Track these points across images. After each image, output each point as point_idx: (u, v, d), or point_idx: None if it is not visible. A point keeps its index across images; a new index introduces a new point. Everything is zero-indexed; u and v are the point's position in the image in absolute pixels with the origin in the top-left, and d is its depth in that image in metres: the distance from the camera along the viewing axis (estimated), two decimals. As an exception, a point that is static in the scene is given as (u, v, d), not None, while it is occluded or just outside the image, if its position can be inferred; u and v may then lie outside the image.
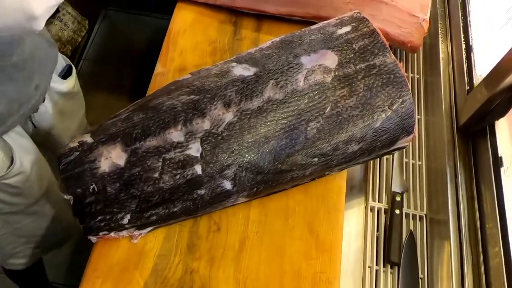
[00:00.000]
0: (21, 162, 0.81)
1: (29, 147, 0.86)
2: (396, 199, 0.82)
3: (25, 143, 0.85)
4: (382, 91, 0.69)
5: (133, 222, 0.67)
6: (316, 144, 0.67)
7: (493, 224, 0.70)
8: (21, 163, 0.81)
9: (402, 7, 0.90)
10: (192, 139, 0.65)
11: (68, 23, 1.79)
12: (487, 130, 0.77)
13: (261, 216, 0.73)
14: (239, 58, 0.73)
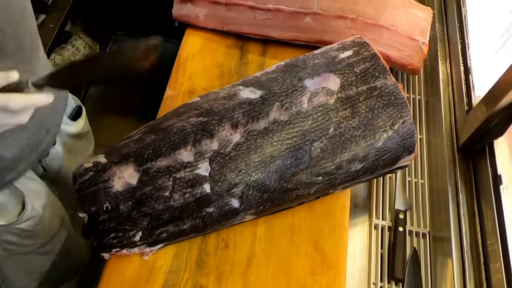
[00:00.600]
0: (32, 207, 0.81)
1: (40, 190, 0.85)
2: (399, 216, 0.83)
3: (36, 186, 0.84)
4: (383, 112, 0.72)
5: (145, 239, 0.69)
6: (320, 163, 0.70)
7: (494, 240, 0.71)
8: (33, 207, 0.81)
9: (402, 31, 0.93)
10: (201, 159, 0.68)
11: (80, 48, 1.85)
12: (487, 149, 0.79)
13: (268, 233, 0.76)
14: (245, 81, 0.77)
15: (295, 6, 0.95)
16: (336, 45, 0.82)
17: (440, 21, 1.07)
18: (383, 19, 0.93)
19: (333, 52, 0.79)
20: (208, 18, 0.99)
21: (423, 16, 0.95)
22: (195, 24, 1.00)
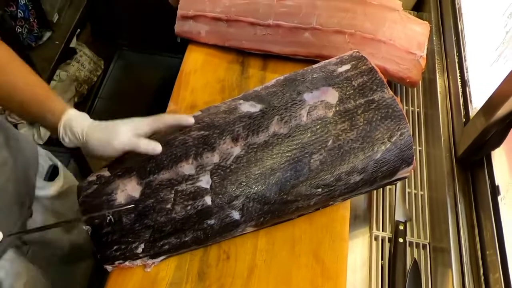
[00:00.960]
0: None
1: (21, 270, 0.81)
2: (399, 228, 0.84)
3: (17, 267, 0.80)
4: (381, 125, 0.73)
5: (147, 251, 0.70)
6: (320, 175, 0.71)
7: (493, 251, 0.72)
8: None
9: (400, 45, 0.95)
10: (202, 172, 0.69)
11: (85, 63, 1.88)
12: (484, 160, 0.80)
13: (269, 245, 0.76)
14: (246, 95, 0.79)
15: (294, 22, 0.97)
16: (334, 59, 0.83)
17: (437, 35, 1.09)
18: (381, 33, 0.95)
19: (331, 66, 0.81)
20: (209, 34, 1.02)
21: (421, 30, 0.97)
22: (197, 40, 1.03)
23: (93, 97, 1.94)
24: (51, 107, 0.71)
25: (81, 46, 1.91)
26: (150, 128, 0.70)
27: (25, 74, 0.73)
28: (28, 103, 0.71)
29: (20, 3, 1.44)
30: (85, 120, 0.71)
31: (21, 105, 0.72)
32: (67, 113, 0.71)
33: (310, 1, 0.99)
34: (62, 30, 1.59)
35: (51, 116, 0.71)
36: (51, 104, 0.71)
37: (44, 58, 1.52)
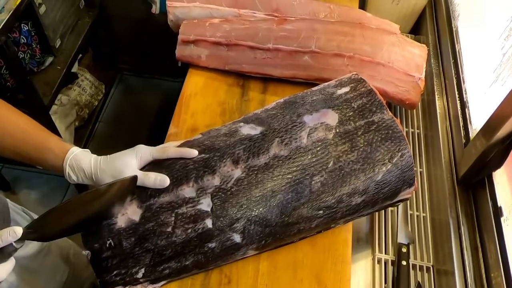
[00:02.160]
0: None
1: None
2: (402, 250, 0.83)
3: None
4: (382, 146, 0.73)
5: (147, 276, 0.69)
6: (321, 197, 0.71)
7: (497, 273, 0.71)
8: None
9: (399, 68, 0.96)
10: (203, 195, 0.69)
11: (86, 88, 1.90)
12: (486, 181, 0.80)
13: (270, 269, 0.76)
14: (246, 118, 0.79)
15: (293, 46, 0.98)
16: (333, 82, 0.84)
17: (435, 57, 1.10)
18: (380, 56, 0.96)
19: (330, 88, 0.82)
20: (210, 58, 1.03)
21: (419, 53, 0.98)
22: (197, 64, 1.04)
23: (94, 121, 1.95)
24: (50, 148, 0.72)
25: (83, 70, 1.93)
26: (152, 157, 0.73)
27: (16, 118, 0.73)
28: (24, 148, 0.72)
29: (23, 30, 1.46)
30: (90, 156, 0.72)
31: (16, 150, 0.72)
32: (70, 151, 0.72)
33: (309, 25, 1.00)
34: (64, 55, 1.61)
35: (52, 156, 0.72)
36: (49, 145, 0.72)
37: (46, 83, 1.54)
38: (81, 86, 1.88)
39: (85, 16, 1.72)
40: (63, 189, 1.85)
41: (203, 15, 1.07)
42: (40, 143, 0.72)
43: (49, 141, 0.73)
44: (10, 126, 0.72)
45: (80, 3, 1.69)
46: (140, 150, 0.73)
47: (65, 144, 0.73)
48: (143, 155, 0.73)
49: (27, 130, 0.73)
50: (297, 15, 1.06)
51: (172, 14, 1.08)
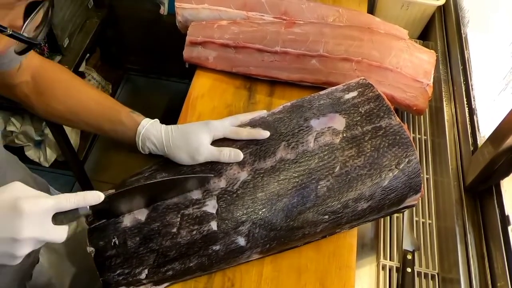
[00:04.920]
0: None
1: None
2: (407, 257, 0.83)
3: None
4: (389, 151, 0.73)
5: (151, 277, 0.69)
6: (327, 202, 0.70)
7: (504, 283, 0.70)
8: None
9: (407, 73, 0.96)
10: (209, 197, 0.69)
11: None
12: (493, 190, 0.79)
13: (274, 273, 0.75)
14: (253, 121, 0.79)
15: (301, 49, 0.98)
16: (341, 86, 0.84)
17: (444, 63, 1.09)
18: (388, 61, 0.96)
19: (338, 93, 0.81)
20: (217, 60, 1.03)
21: (427, 59, 0.98)
22: (205, 65, 1.04)
23: (100, 120, 1.95)
24: (121, 121, 0.75)
25: (90, 70, 1.93)
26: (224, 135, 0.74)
27: (89, 91, 0.77)
28: (98, 120, 0.75)
29: (32, 28, 1.47)
30: (160, 129, 0.74)
31: (90, 122, 0.76)
32: (141, 125, 0.74)
33: (317, 29, 1.00)
34: (72, 54, 1.61)
35: (124, 129, 0.74)
36: (121, 118, 0.75)
37: (53, 82, 1.54)
38: (88, 86, 1.89)
39: (93, 16, 1.72)
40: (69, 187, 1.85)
41: (212, 17, 1.07)
42: (113, 115, 0.75)
43: (121, 113, 0.75)
44: (86, 99, 0.76)
45: (89, 3, 1.70)
46: (214, 128, 0.73)
47: (136, 116, 0.76)
48: (216, 133, 0.73)
49: (101, 102, 0.76)
50: (305, 18, 1.06)
51: (181, 16, 1.08)
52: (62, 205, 0.55)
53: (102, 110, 0.76)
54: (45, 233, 0.54)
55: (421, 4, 1.19)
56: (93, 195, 0.57)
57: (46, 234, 0.54)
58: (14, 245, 0.52)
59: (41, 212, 0.53)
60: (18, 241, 0.51)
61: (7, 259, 0.53)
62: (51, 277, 0.87)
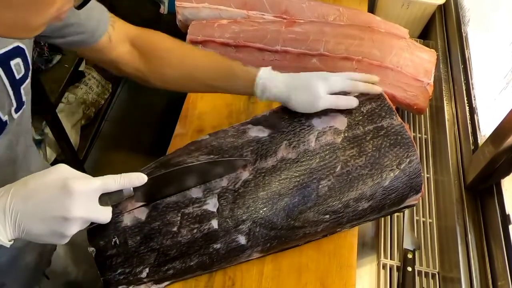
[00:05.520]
0: None
1: None
2: (408, 256, 0.82)
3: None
4: (390, 152, 0.73)
5: (151, 276, 0.69)
6: (328, 202, 0.70)
7: (505, 281, 0.70)
8: None
9: (407, 72, 0.96)
10: (209, 195, 0.69)
11: (93, 87, 1.90)
12: (494, 189, 0.79)
13: (275, 272, 0.75)
14: (254, 120, 0.79)
15: (302, 48, 0.98)
16: (342, 85, 0.83)
17: (444, 63, 1.09)
18: (388, 60, 0.96)
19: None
20: (218, 59, 1.03)
21: (428, 58, 0.98)
22: (205, 64, 1.04)
23: (100, 119, 1.95)
24: (236, 75, 0.77)
25: (90, 69, 1.93)
26: (341, 89, 0.75)
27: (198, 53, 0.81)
28: (212, 79, 0.78)
29: (32, 27, 1.47)
30: (279, 77, 0.75)
31: (206, 82, 0.79)
32: (259, 76, 0.75)
33: (318, 28, 1.00)
34: (72, 53, 1.61)
35: (240, 83, 0.77)
36: (234, 72, 0.77)
37: (53, 81, 1.54)
38: (88, 85, 1.89)
39: (93, 15, 1.72)
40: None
41: (212, 16, 1.07)
42: (227, 72, 0.77)
43: (235, 68, 0.77)
44: (199, 62, 0.79)
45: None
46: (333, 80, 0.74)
47: (249, 69, 0.77)
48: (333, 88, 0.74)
49: (213, 61, 0.79)
50: (306, 17, 1.06)
51: (181, 15, 1.08)
52: (108, 186, 0.56)
53: (215, 68, 0.78)
54: (92, 213, 0.55)
55: (421, 3, 1.19)
56: (137, 176, 0.59)
57: (93, 214, 0.55)
58: (64, 224, 0.53)
59: (89, 192, 0.54)
60: (68, 220, 0.52)
61: (56, 238, 0.54)
62: (67, 265, 0.89)
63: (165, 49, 0.78)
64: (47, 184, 0.53)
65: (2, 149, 0.64)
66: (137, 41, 0.77)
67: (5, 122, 0.62)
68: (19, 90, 0.63)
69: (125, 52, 0.76)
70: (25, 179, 0.54)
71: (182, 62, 0.78)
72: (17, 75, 0.61)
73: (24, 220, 0.52)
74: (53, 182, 0.53)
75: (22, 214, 0.52)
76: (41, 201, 0.52)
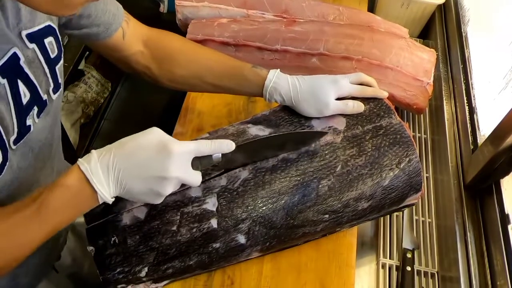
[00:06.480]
0: None
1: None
2: (407, 256, 0.83)
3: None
4: (390, 151, 0.73)
5: (150, 275, 0.69)
6: (327, 201, 0.70)
7: (504, 281, 0.70)
8: None
9: (407, 72, 0.96)
10: (209, 194, 0.68)
11: (92, 85, 1.90)
12: (493, 188, 0.79)
13: (274, 271, 0.75)
14: (254, 119, 0.78)
15: (302, 47, 0.98)
16: (342, 84, 0.83)
17: (444, 62, 1.09)
18: (388, 60, 0.96)
19: (339, 91, 0.81)
20: (217, 58, 1.02)
21: (427, 58, 0.98)
22: (205, 63, 1.03)
23: (100, 118, 1.95)
24: (244, 76, 0.77)
25: (89, 68, 1.93)
26: (349, 94, 0.76)
27: (208, 53, 0.81)
28: (220, 80, 0.78)
29: (31, 25, 1.46)
30: (287, 80, 0.75)
31: (214, 82, 0.79)
32: (268, 78, 0.75)
33: (318, 27, 1.00)
34: (71, 52, 1.61)
35: (248, 84, 0.77)
36: (243, 73, 0.77)
37: (52, 79, 1.54)
38: (88, 84, 1.88)
39: (93, 13, 1.72)
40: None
41: (212, 15, 1.07)
42: (236, 73, 0.78)
43: (244, 70, 0.77)
44: (208, 62, 0.79)
45: (89, 0, 1.69)
46: (342, 86, 0.75)
47: (259, 71, 0.77)
48: (342, 92, 0.75)
49: (222, 62, 0.79)
50: (306, 17, 1.06)
51: (181, 13, 1.08)
52: (201, 150, 0.58)
53: (224, 69, 0.78)
54: (186, 175, 0.57)
55: (421, 2, 1.19)
56: (227, 143, 0.61)
57: (187, 175, 0.57)
58: (162, 184, 0.55)
59: (185, 154, 0.57)
60: (166, 180, 0.55)
61: (153, 197, 0.57)
62: (74, 258, 0.90)
63: (176, 49, 0.79)
64: (146, 144, 0.55)
65: (44, 130, 0.65)
66: (149, 41, 0.78)
67: (45, 102, 0.62)
68: (54, 69, 0.63)
69: (138, 50, 0.77)
70: (122, 141, 0.57)
71: (192, 62, 0.79)
72: (52, 54, 0.62)
73: (126, 178, 0.54)
74: (152, 143, 0.56)
75: (124, 172, 0.54)
76: (142, 160, 0.55)
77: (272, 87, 0.75)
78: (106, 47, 0.75)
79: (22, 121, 0.58)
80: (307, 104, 0.74)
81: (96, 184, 0.54)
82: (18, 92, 0.56)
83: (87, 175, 0.54)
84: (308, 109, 0.74)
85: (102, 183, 0.54)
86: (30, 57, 0.57)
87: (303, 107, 0.74)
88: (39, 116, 0.61)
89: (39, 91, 0.60)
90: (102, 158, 0.55)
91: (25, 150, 0.61)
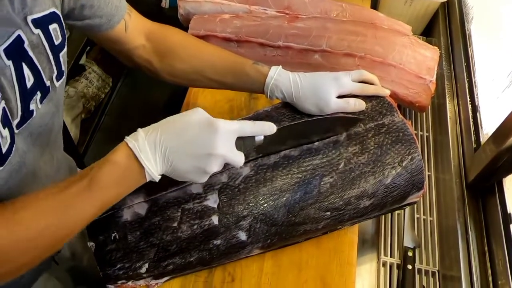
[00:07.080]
0: None
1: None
2: (408, 254, 0.82)
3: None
4: (392, 149, 0.73)
5: (151, 271, 0.69)
6: (329, 199, 0.70)
7: (505, 280, 0.70)
8: None
9: (410, 69, 0.95)
10: (210, 191, 0.68)
11: (93, 80, 1.89)
12: (496, 187, 0.79)
13: (275, 268, 0.75)
14: (256, 115, 0.78)
15: (304, 44, 0.98)
16: (344, 82, 0.83)
17: (447, 60, 1.09)
18: (391, 57, 0.95)
19: (341, 88, 0.80)
20: (219, 54, 1.02)
21: (430, 55, 0.97)
22: (207, 59, 1.03)
23: (100, 113, 1.94)
24: (246, 72, 0.76)
25: (91, 63, 1.92)
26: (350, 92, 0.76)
27: (209, 49, 0.80)
28: (221, 75, 0.78)
29: (32, 20, 1.46)
30: (289, 77, 0.75)
31: (215, 78, 0.78)
32: (269, 75, 0.75)
33: (321, 24, 0.99)
34: (72, 47, 1.60)
35: (249, 80, 0.77)
36: (245, 69, 0.77)
37: (53, 74, 1.53)
38: (89, 79, 1.88)
39: (94, 8, 1.71)
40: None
41: (214, 11, 1.07)
42: (237, 69, 0.77)
43: (245, 66, 0.77)
44: (209, 57, 0.79)
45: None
46: (343, 84, 0.74)
47: (260, 67, 0.76)
48: (343, 90, 0.75)
49: (224, 58, 0.79)
50: (308, 13, 1.05)
51: (183, 9, 1.08)
52: (244, 130, 0.59)
53: (226, 65, 0.78)
54: (231, 153, 0.58)
55: (424, 0, 1.18)
56: (269, 125, 0.62)
57: (231, 154, 0.58)
58: (208, 161, 0.56)
59: (230, 132, 0.57)
60: (212, 157, 0.56)
61: (199, 175, 0.57)
62: (74, 253, 0.90)
63: (178, 43, 0.79)
64: (193, 122, 0.56)
65: (46, 116, 0.64)
66: (151, 34, 0.78)
67: (48, 88, 0.62)
68: (58, 56, 0.63)
69: (140, 44, 0.77)
70: (168, 119, 0.57)
71: (193, 57, 0.78)
72: (56, 40, 0.62)
73: (172, 155, 0.55)
74: (198, 121, 0.56)
75: (171, 149, 0.55)
76: (189, 137, 0.55)
77: (274, 84, 0.75)
78: (108, 40, 0.75)
79: (26, 105, 0.57)
80: (308, 101, 0.74)
81: (144, 161, 0.54)
82: (22, 75, 0.55)
83: (135, 152, 0.54)
84: (308, 106, 0.74)
85: (149, 159, 0.54)
86: (34, 42, 0.57)
87: (304, 104, 0.74)
88: (42, 102, 0.61)
89: (42, 76, 0.60)
90: (149, 136, 0.55)
91: (25, 134, 0.61)
